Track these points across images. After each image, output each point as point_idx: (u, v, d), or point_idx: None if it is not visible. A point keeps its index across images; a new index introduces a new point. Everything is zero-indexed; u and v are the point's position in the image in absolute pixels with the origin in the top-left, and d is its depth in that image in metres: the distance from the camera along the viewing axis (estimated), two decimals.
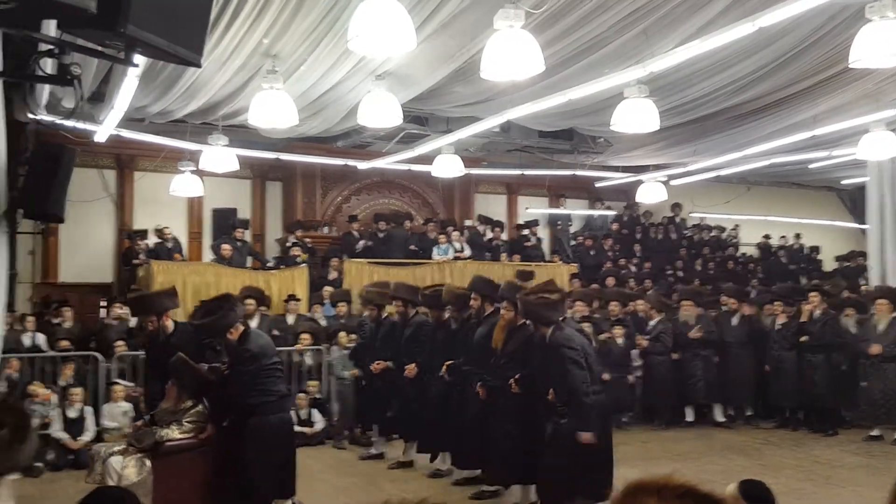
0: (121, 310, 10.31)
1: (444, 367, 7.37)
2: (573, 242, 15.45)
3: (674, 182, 14.79)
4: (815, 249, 17.34)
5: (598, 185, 15.78)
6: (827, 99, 10.07)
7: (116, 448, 5.69)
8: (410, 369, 7.80)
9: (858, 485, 7.13)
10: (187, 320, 6.77)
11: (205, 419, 5.71)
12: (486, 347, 6.62)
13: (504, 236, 14.57)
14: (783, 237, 17.48)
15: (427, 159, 12.17)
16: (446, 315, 7.69)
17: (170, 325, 6.23)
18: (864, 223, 13.67)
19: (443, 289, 7.88)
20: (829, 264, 16.97)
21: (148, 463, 5.47)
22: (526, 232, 14.74)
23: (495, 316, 6.82)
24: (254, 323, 9.26)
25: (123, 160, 12.98)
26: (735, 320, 10.66)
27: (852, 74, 8.99)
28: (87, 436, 8.55)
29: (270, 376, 5.73)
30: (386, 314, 8.53)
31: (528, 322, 6.22)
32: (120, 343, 9.42)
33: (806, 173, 15.70)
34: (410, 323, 8.05)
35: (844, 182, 16.46)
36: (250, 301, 9.90)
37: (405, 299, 8.14)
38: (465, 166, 12.22)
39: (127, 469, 5.43)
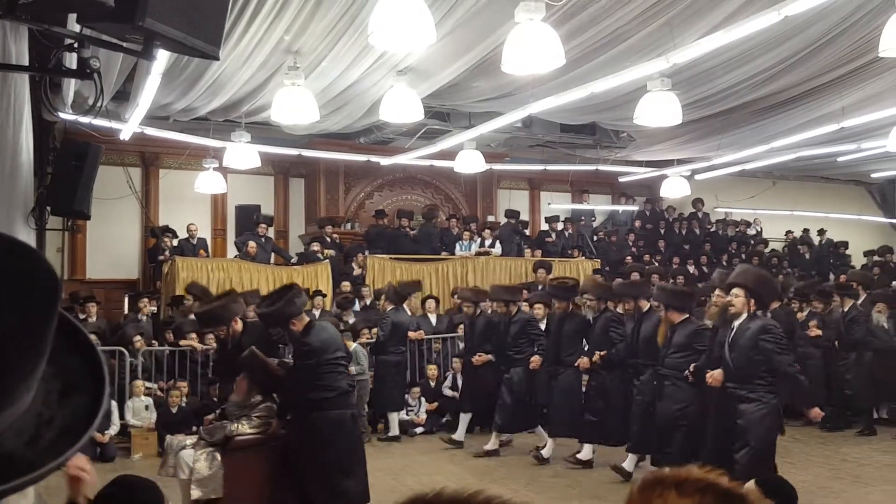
0: (148, 306, 10.45)
1: (598, 357, 7.76)
2: (596, 238, 15.35)
3: (698, 177, 14.62)
4: (844, 245, 17.03)
5: (621, 179, 15.66)
6: (855, 90, 9.88)
7: (188, 441, 5.72)
8: (536, 361, 8.37)
9: (888, 483, 7.00)
10: (254, 310, 6.81)
11: (273, 414, 5.68)
12: (653, 342, 7.15)
13: (527, 231, 14.53)
14: (806, 230, 17.15)
15: (449, 155, 12.16)
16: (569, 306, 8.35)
17: (239, 326, 6.24)
18: (893, 217, 13.43)
19: (581, 280, 8.97)
20: (857, 259, 16.67)
21: (218, 457, 5.47)
22: (546, 227, 14.70)
23: (652, 314, 7.46)
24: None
25: (148, 158, 13.12)
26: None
27: (882, 64, 8.81)
28: (113, 430, 8.67)
29: (332, 371, 5.60)
30: (479, 311, 9.22)
31: (691, 318, 6.88)
32: (138, 338, 9.53)
33: (833, 167, 15.45)
34: (515, 320, 8.64)
35: (874, 175, 16.17)
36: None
37: (507, 300, 8.88)
38: (487, 162, 12.20)
39: (198, 463, 5.45)
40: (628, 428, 7.43)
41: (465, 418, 9.00)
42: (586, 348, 8.15)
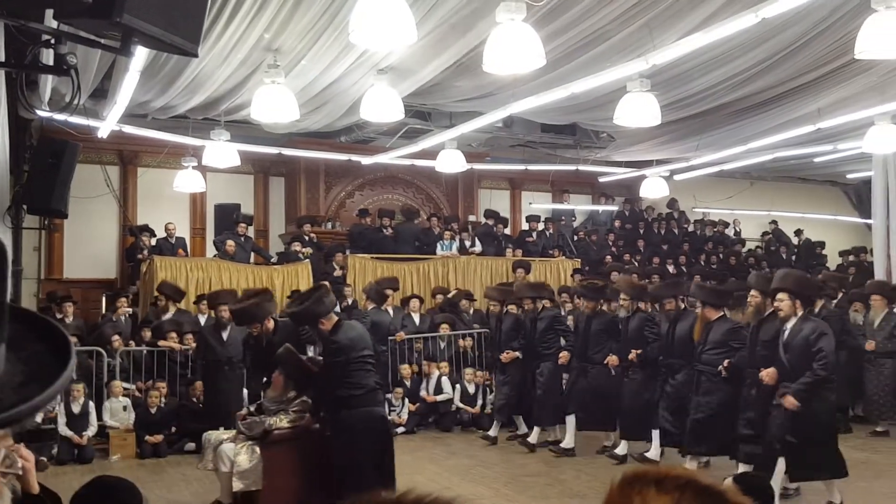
0: (125, 307, 10.35)
1: (634, 355, 8.01)
2: (576, 237, 15.43)
3: (677, 177, 14.75)
4: (820, 245, 17.26)
5: (601, 180, 15.75)
6: (831, 91, 10.01)
7: (226, 436, 5.96)
8: (565, 356, 8.67)
9: (863, 480, 7.09)
10: (284, 309, 7.08)
11: (308, 409, 5.89)
12: (689, 340, 7.46)
13: (507, 231, 14.57)
14: (773, 221, 17.37)
15: (431, 154, 12.16)
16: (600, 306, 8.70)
17: (271, 325, 6.49)
18: (869, 218, 13.61)
19: (615, 280, 9.38)
20: (833, 259, 16.90)
21: (258, 450, 5.67)
22: (526, 227, 14.75)
23: (689, 314, 7.84)
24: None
25: (126, 156, 13.00)
26: None
27: (857, 66, 8.94)
28: (91, 431, 8.58)
29: (360, 369, 5.72)
30: (506, 309, 9.47)
31: (726, 315, 7.32)
32: (116, 338, 9.44)
33: (810, 167, 15.64)
34: (542, 316, 8.92)
35: (850, 176, 16.38)
36: None
37: (533, 297, 9.14)
38: (468, 161, 12.21)
39: (239, 456, 5.66)
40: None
41: (570, 421, 8.67)
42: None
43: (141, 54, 6.91)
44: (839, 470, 6.24)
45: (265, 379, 6.66)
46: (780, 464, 6.21)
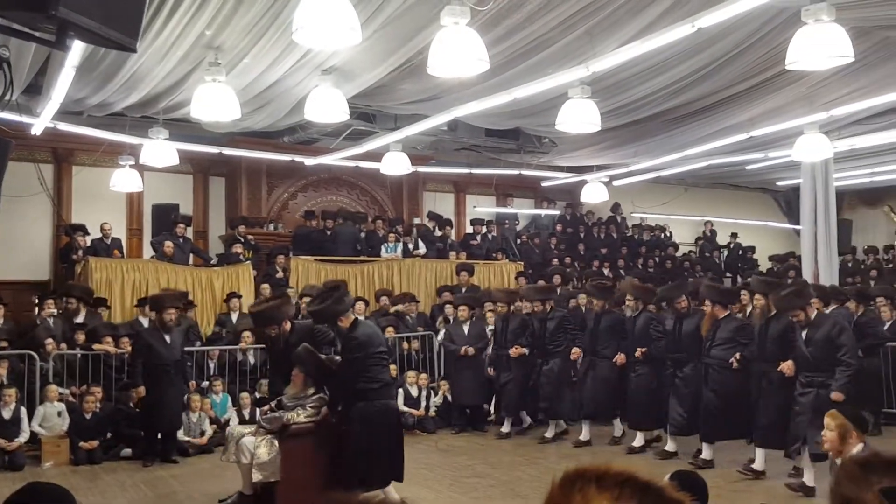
0: (52, 308, 10.01)
1: (640, 353, 8.57)
2: (519, 241, 15.60)
3: (616, 182, 15.08)
4: (751, 249, 17.87)
5: (543, 184, 15.98)
6: (763, 101, 10.39)
7: (247, 430, 6.35)
8: (577, 353, 9.27)
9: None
10: (304, 310, 7.35)
11: (324, 404, 6.20)
12: (696, 337, 8.01)
13: (453, 234, 14.63)
14: (708, 222, 17.94)
15: (375, 156, 12.14)
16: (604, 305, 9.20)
17: (288, 326, 6.74)
18: (798, 224, 14.12)
19: (622, 282, 10.07)
20: (763, 263, 17.50)
21: (276, 443, 6.00)
22: (470, 230, 14.85)
23: (695, 312, 8.35)
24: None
25: (61, 154, 12.61)
26: None
27: (788, 77, 9.30)
28: (23, 437, 8.29)
29: (377, 364, 6.09)
30: (513, 310, 9.91)
31: (732, 313, 7.98)
32: (50, 342, 9.15)
33: (742, 175, 16.17)
34: (552, 317, 9.50)
35: (780, 184, 16.99)
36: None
37: (542, 299, 9.70)
38: (413, 164, 12.23)
39: (259, 449, 6.00)
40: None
41: (617, 424, 9.29)
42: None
43: (77, 49, 6.74)
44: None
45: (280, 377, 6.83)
46: (759, 453, 7.28)
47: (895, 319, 10.14)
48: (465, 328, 10.38)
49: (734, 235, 18.01)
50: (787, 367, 7.12)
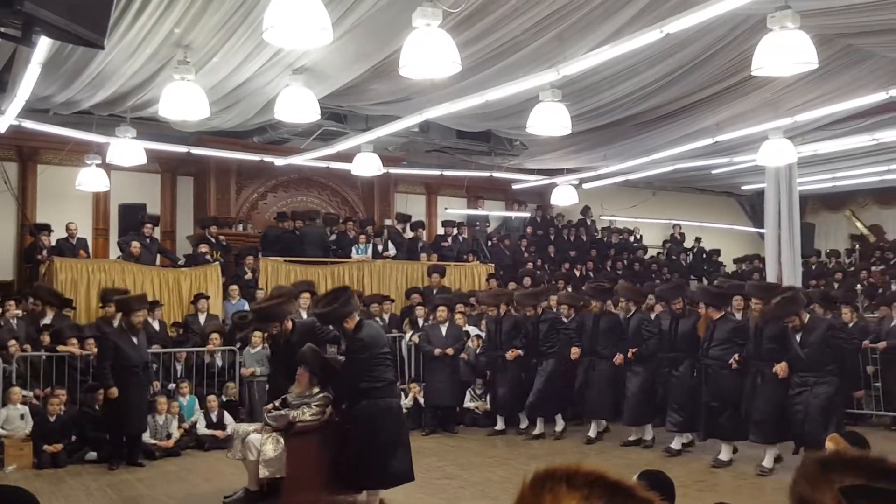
0: (14, 309, 9.81)
1: (631, 353, 8.79)
2: (490, 243, 15.66)
3: (585, 185, 15.23)
4: (716, 252, 18.16)
5: (514, 186, 16.07)
6: (729, 107, 10.56)
7: (253, 428, 6.51)
8: (576, 352, 9.43)
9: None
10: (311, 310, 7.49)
11: (329, 403, 6.31)
12: (693, 337, 8.27)
13: (424, 236, 14.63)
14: (676, 225, 18.21)
15: (346, 157, 12.10)
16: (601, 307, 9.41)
17: (289, 325, 6.81)
18: (762, 227, 14.36)
19: (617, 284, 10.33)
20: (729, 266, 17.80)
21: (282, 440, 6.14)
22: (442, 231, 14.87)
23: (691, 313, 8.54)
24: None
25: (26, 152, 12.40)
26: None
27: (753, 83, 9.47)
28: None
29: (380, 364, 6.21)
30: (505, 311, 9.99)
31: (727, 315, 8.19)
32: (13, 343, 8.98)
33: (708, 179, 16.42)
34: (544, 319, 9.76)
35: (744, 188, 17.27)
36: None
37: (533, 304, 9.91)
38: (385, 165, 12.22)
39: (265, 446, 6.15)
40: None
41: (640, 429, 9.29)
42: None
43: (43, 45, 6.64)
44: None
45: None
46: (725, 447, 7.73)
47: (855, 321, 10.37)
48: (444, 329, 10.37)
49: (698, 240, 18.30)
50: (780, 368, 7.38)
